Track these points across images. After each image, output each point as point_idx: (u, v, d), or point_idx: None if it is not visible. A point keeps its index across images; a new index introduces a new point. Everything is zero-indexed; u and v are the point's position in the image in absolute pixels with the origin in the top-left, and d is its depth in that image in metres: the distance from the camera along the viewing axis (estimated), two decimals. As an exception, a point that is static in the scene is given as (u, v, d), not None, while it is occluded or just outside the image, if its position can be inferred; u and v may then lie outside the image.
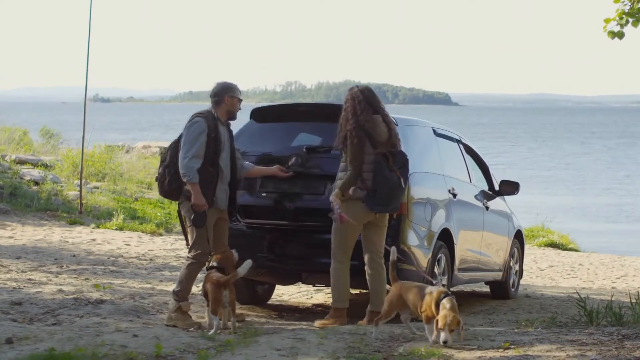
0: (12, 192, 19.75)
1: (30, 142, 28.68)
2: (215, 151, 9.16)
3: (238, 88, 9.50)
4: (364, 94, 9.44)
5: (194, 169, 9.04)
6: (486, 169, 12.49)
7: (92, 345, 7.17)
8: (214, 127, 9.20)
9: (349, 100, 9.40)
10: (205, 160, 9.12)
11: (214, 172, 9.18)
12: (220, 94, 9.39)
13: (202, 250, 9.18)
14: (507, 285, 12.70)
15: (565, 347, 7.66)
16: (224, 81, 9.51)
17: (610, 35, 9.28)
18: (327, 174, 9.81)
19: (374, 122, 9.31)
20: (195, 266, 9.26)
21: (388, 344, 7.93)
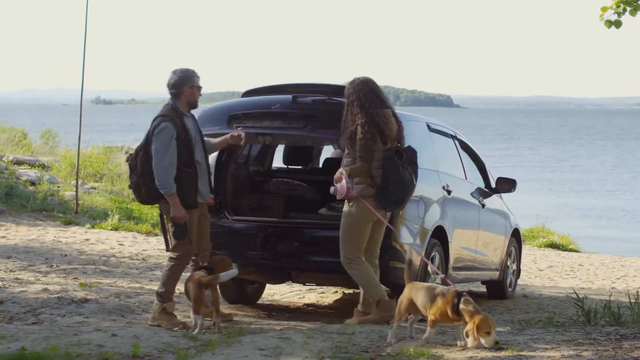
0: (7, 193, 19.72)
1: (29, 143, 28.66)
2: (189, 151, 8.82)
3: (196, 75, 9.06)
4: (369, 86, 9.06)
5: (170, 179, 8.70)
6: (482, 166, 12.21)
7: (68, 345, 6.91)
8: (182, 127, 8.83)
9: (353, 94, 9.00)
10: (181, 162, 8.78)
11: (192, 172, 8.85)
12: (178, 85, 8.97)
13: (184, 250, 8.90)
14: (504, 285, 12.41)
15: (560, 347, 7.39)
16: (181, 69, 9.06)
17: (607, 25, 9.03)
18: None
19: (386, 116, 9.00)
20: (178, 267, 8.96)
21: (377, 344, 7.67)
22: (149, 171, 8.76)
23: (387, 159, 8.93)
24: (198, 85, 9.03)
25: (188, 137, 8.82)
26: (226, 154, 10.11)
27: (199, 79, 9.04)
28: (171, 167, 8.68)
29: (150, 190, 8.81)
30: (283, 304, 11.09)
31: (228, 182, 10.07)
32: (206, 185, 9.02)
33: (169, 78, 9.00)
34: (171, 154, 8.69)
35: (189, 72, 9.01)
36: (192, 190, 8.84)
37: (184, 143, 8.79)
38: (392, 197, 8.94)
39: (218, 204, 9.91)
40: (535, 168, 55.76)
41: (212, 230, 9.85)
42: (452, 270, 10.46)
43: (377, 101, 8.99)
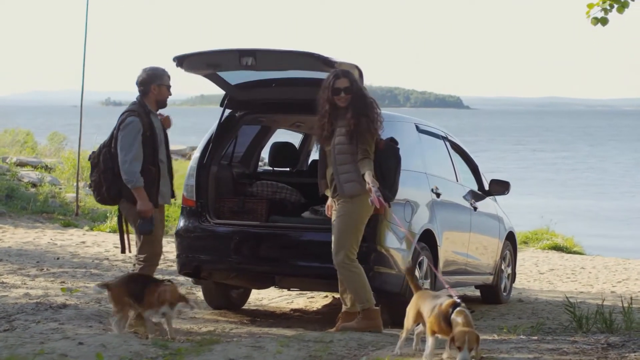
0: (8, 194, 19.65)
1: (34, 145, 28.60)
2: (153, 149, 8.62)
3: (166, 74, 8.82)
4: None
5: (137, 172, 8.50)
6: (475, 168, 11.93)
7: (30, 354, 6.67)
8: (149, 124, 8.63)
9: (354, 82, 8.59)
10: (146, 160, 8.56)
11: (155, 171, 8.64)
12: (146, 83, 8.75)
13: (151, 251, 8.67)
14: (498, 290, 12.12)
15: (542, 357, 7.11)
16: (151, 67, 8.84)
17: (593, 22, 8.78)
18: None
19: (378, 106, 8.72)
20: (147, 269, 8.72)
21: (354, 352, 7.41)
22: (112, 168, 8.56)
23: (386, 147, 8.62)
24: (167, 85, 8.77)
25: (154, 135, 8.62)
26: (208, 155, 9.86)
27: (168, 78, 8.80)
28: (137, 162, 8.49)
29: (110, 187, 8.61)
30: (269, 310, 10.85)
31: (210, 184, 9.81)
32: (168, 186, 8.79)
33: (138, 75, 8.80)
34: (137, 148, 8.50)
35: (158, 70, 8.79)
36: (154, 189, 8.63)
37: (149, 140, 8.59)
38: (394, 187, 8.67)
39: (199, 207, 9.67)
40: (548, 169, 55.48)
41: (193, 234, 9.65)
42: (442, 275, 10.18)
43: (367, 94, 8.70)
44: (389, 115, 10.00)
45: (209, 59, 9.42)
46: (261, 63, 9.21)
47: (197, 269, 9.67)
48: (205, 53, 9.44)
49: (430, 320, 7.02)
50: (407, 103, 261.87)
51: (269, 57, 9.26)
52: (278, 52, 9.32)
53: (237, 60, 9.21)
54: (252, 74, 9.82)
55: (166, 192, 8.78)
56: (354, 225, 8.55)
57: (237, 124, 10.10)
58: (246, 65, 9.22)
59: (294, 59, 9.27)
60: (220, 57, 9.43)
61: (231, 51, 9.32)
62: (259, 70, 9.54)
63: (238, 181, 10.42)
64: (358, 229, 8.57)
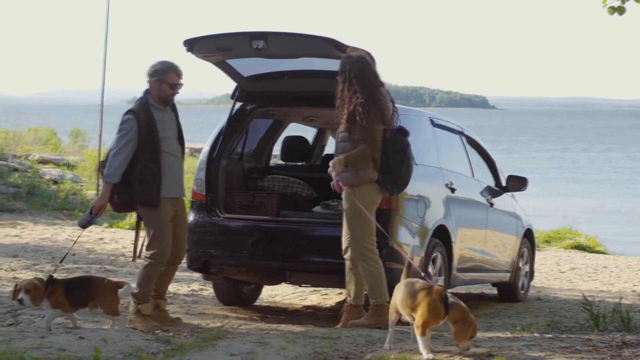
0: (29, 191, 19.71)
1: (57, 142, 28.71)
2: (153, 147, 8.42)
3: (171, 70, 8.54)
4: (368, 62, 8.47)
5: (117, 171, 8.38)
6: (492, 164, 11.71)
7: (28, 348, 6.54)
8: (146, 121, 8.44)
9: (351, 71, 8.35)
10: (144, 158, 8.40)
11: (156, 169, 8.43)
12: (149, 76, 8.58)
13: (159, 249, 8.50)
14: (515, 287, 11.89)
15: (554, 355, 6.91)
16: (160, 61, 8.63)
17: (610, 11, 8.56)
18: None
19: (384, 94, 8.43)
20: (153, 266, 8.55)
21: (361, 349, 7.22)
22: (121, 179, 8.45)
23: (392, 139, 8.41)
24: (168, 82, 8.53)
25: (153, 132, 8.42)
26: (218, 148, 9.70)
27: (174, 76, 8.54)
28: (123, 164, 8.38)
29: (122, 194, 8.46)
30: (281, 306, 10.69)
31: (220, 178, 9.65)
32: (175, 182, 8.63)
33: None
34: (128, 150, 8.38)
35: (163, 65, 8.57)
36: (154, 187, 8.43)
37: (147, 137, 8.41)
38: (399, 180, 8.44)
39: (209, 201, 9.53)
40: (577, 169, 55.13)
41: (203, 229, 9.50)
42: (456, 272, 9.98)
43: (375, 79, 8.40)
44: (403, 109, 9.82)
45: (219, 43, 9.24)
46: (272, 47, 9.02)
47: (206, 264, 9.52)
48: (215, 36, 9.27)
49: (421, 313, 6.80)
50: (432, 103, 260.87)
51: (280, 41, 9.07)
52: (289, 35, 9.15)
53: (248, 44, 9.02)
54: (264, 65, 9.66)
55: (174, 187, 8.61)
56: (359, 216, 8.35)
57: (247, 117, 9.94)
58: (257, 49, 9.03)
59: (305, 42, 9.08)
60: (230, 41, 9.24)
61: (242, 34, 9.15)
62: (270, 57, 9.35)
63: (249, 175, 10.27)
64: (365, 219, 8.35)
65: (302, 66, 9.64)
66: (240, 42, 9.12)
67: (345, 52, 8.72)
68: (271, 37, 9.01)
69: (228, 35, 9.28)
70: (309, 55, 9.21)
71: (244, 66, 9.71)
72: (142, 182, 8.40)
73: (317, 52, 9.08)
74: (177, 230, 8.66)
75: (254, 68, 9.76)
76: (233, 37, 9.23)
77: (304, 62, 9.54)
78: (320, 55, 9.07)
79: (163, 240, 8.49)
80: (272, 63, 9.64)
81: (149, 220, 8.54)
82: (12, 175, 20.41)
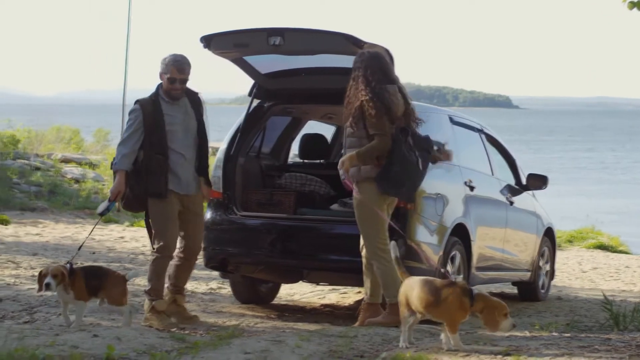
0: (51, 190, 19.76)
1: (80, 142, 28.74)
2: (159, 138, 8.41)
3: (172, 64, 8.45)
4: (379, 60, 8.38)
5: (124, 159, 8.40)
6: (512, 162, 11.62)
7: (41, 346, 6.51)
8: (153, 113, 8.43)
9: (360, 68, 8.31)
10: (152, 148, 8.40)
11: (163, 160, 8.42)
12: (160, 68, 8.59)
13: (164, 242, 8.47)
14: (536, 287, 11.80)
15: (572, 354, 6.83)
16: (172, 53, 8.59)
17: (629, 7, 8.46)
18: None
19: (391, 92, 8.31)
20: (160, 260, 8.53)
21: (377, 348, 7.16)
22: (133, 171, 8.42)
23: (394, 139, 8.31)
24: (168, 76, 8.48)
25: (159, 125, 8.41)
26: (235, 146, 9.66)
27: (174, 70, 8.46)
28: (130, 153, 8.41)
29: (134, 187, 8.46)
30: (299, 305, 10.63)
31: (237, 176, 9.60)
32: (185, 178, 8.57)
33: None
34: (134, 139, 8.42)
35: (169, 59, 8.51)
36: (162, 178, 8.42)
37: (153, 128, 8.41)
38: (392, 179, 8.26)
39: (226, 199, 9.48)
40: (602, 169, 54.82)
41: (220, 226, 9.46)
42: (475, 270, 9.91)
43: (383, 77, 8.30)
44: (422, 106, 9.76)
45: (236, 39, 9.20)
46: (289, 43, 8.96)
47: (223, 262, 9.48)
48: (232, 32, 9.23)
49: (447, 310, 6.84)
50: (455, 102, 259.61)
51: (296, 37, 9.02)
52: (306, 31, 9.10)
53: (265, 40, 8.97)
54: (282, 62, 9.61)
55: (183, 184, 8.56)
56: (367, 214, 8.29)
57: (265, 114, 9.88)
58: (274, 46, 8.98)
59: (322, 39, 9.03)
60: (247, 37, 9.19)
61: (259, 30, 9.10)
62: (287, 54, 9.30)
63: (266, 173, 10.22)
64: (374, 217, 8.27)
65: (320, 63, 9.59)
66: (257, 39, 9.08)
67: (363, 48, 8.66)
68: (288, 33, 8.96)
69: (245, 31, 9.24)
70: (326, 51, 9.16)
71: (262, 63, 9.66)
72: (149, 172, 8.41)
73: (334, 49, 9.03)
74: (187, 226, 8.63)
75: (272, 65, 9.71)
76: (250, 33, 9.18)
77: (322, 59, 9.49)
78: (338, 51, 9.01)
79: (167, 234, 8.46)
80: (290, 60, 9.59)
81: (154, 213, 8.52)
82: (34, 174, 20.47)
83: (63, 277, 7.75)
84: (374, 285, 8.50)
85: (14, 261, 12.14)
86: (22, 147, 22.73)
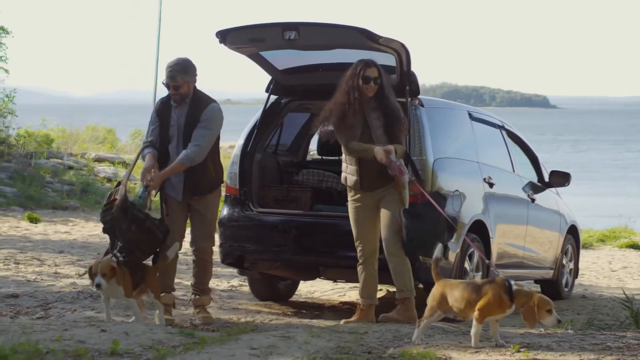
0: (83, 189, 19.83)
1: (114, 141, 28.86)
2: (163, 137, 8.65)
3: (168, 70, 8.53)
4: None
5: (143, 144, 8.81)
6: (535, 159, 11.50)
7: (48, 340, 6.50)
8: (162, 112, 8.67)
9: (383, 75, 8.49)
10: (162, 144, 8.65)
11: (165, 159, 8.63)
12: None
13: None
14: (559, 285, 11.66)
15: (583, 352, 6.73)
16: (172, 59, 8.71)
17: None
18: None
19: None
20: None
21: (387, 344, 7.09)
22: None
23: None
24: (164, 81, 8.62)
25: (164, 124, 8.65)
26: (252, 142, 9.63)
27: (167, 77, 8.56)
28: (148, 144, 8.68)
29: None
30: (318, 302, 10.58)
31: (254, 172, 9.56)
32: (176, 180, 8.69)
33: None
34: (150, 132, 8.71)
35: (166, 65, 8.65)
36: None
37: (161, 127, 8.68)
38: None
39: (243, 195, 9.45)
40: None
41: (237, 223, 9.44)
42: (495, 268, 9.81)
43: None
44: (440, 102, 9.68)
45: (251, 34, 9.18)
46: (304, 38, 8.93)
47: (240, 259, 9.45)
48: (247, 27, 9.20)
49: (485, 304, 6.84)
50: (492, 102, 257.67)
51: (311, 32, 8.98)
52: (321, 25, 9.07)
53: (280, 35, 8.95)
54: (299, 58, 9.57)
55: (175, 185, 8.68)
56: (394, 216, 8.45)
57: (282, 111, 9.84)
58: (289, 40, 8.96)
59: (336, 33, 8.99)
60: (263, 32, 9.17)
61: (274, 25, 9.07)
62: (302, 48, 9.26)
63: (284, 169, 10.18)
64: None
65: (338, 59, 9.53)
66: (272, 33, 9.05)
67: (378, 42, 8.64)
68: (303, 27, 8.93)
69: (260, 26, 9.21)
70: (341, 46, 9.12)
71: (279, 59, 9.62)
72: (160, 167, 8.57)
73: (349, 43, 8.99)
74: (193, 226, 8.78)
75: (289, 61, 9.67)
76: (265, 28, 9.16)
77: (339, 54, 9.44)
78: (352, 46, 8.97)
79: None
80: (307, 56, 9.55)
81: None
82: (67, 173, 20.56)
83: (113, 272, 7.82)
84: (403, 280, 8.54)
85: (39, 258, 12.16)
86: (56, 146, 22.82)
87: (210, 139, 8.56)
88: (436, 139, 9.06)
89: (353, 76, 8.39)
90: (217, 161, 8.81)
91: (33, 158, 20.59)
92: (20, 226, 15.81)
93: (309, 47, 9.25)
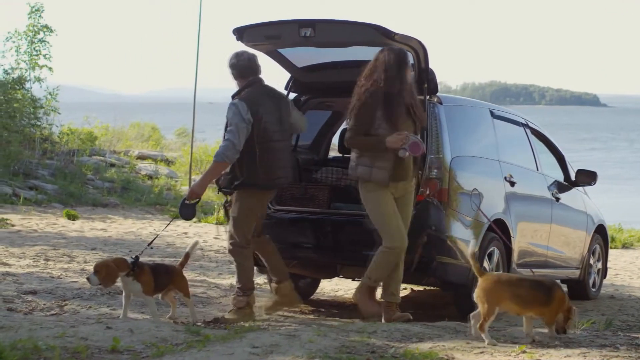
0: (124, 186, 19.97)
1: (159, 139, 29.02)
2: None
3: None
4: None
5: None
6: (561, 158, 11.36)
7: (50, 337, 6.54)
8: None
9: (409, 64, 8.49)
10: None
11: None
12: None
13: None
14: (586, 285, 11.50)
15: (589, 353, 6.65)
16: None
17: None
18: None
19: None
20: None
21: (394, 344, 7.03)
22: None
23: None
24: None
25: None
26: None
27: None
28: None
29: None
30: (339, 301, 10.52)
31: None
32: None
33: None
34: None
35: None
36: None
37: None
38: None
39: None
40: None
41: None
42: (517, 267, 9.71)
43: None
44: (455, 99, 9.61)
45: (267, 31, 9.17)
46: (320, 35, 8.90)
47: (258, 257, 9.44)
48: (263, 24, 9.21)
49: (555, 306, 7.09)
50: (542, 101, 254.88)
51: (327, 29, 8.94)
52: (336, 22, 9.03)
53: (296, 32, 8.94)
54: (318, 55, 9.55)
55: None
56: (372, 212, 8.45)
57: (301, 108, 9.80)
58: (305, 37, 8.94)
59: (352, 30, 8.94)
60: (279, 29, 9.15)
61: (290, 22, 9.06)
62: (318, 45, 9.22)
63: (304, 167, 10.14)
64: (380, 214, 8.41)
65: (357, 56, 9.49)
66: (288, 30, 9.04)
67: (394, 39, 8.60)
68: (319, 24, 8.91)
69: (276, 23, 9.21)
70: (356, 43, 9.07)
71: (298, 57, 9.61)
72: None
73: (364, 40, 8.94)
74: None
75: (308, 58, 9.65)
76: (281, 25, 9.15)
77: (359, 51, 9.39)
78: (368, 43, 8.92)
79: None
80: (325, 53, 9.52)
81: None
82: (109, 171, 20.74)
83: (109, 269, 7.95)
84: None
85: (70, 255, 12.21)
86: (99, 144, 23.02)
87: (231, 135, 8.54)
88: (454, 137, 8.98)
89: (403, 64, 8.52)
90: (246, 160, 8.62)
91: (75, 155, 20.78)
92: (58, 223, 15.93)
93: (325, 44, 9.21)
